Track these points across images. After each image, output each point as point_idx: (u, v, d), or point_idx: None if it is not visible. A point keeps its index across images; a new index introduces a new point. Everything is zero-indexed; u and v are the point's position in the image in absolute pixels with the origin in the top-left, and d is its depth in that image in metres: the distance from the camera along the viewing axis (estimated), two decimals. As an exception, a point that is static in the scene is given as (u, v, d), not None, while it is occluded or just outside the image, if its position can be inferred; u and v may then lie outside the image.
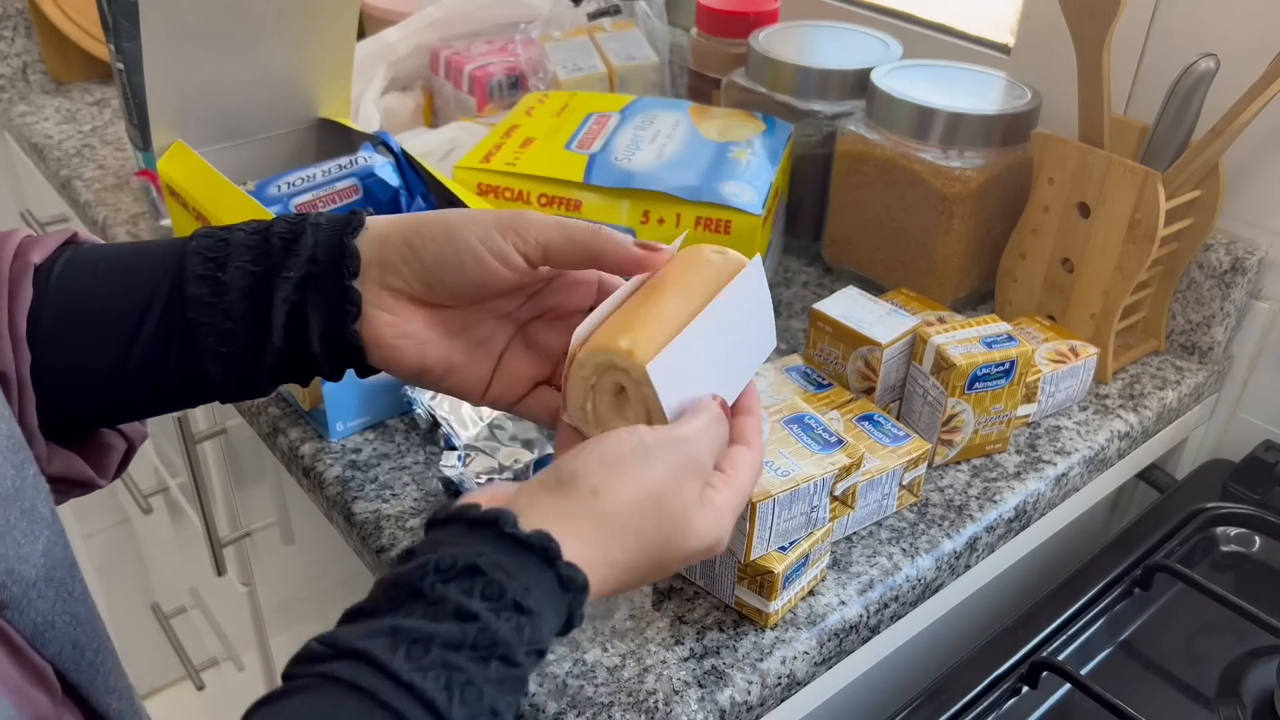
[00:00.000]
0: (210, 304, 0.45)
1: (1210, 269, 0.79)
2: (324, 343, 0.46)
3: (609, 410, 0.46)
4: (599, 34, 1.06)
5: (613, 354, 0.44)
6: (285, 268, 0.46)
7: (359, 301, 0.46)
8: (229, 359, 0.46)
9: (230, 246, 0.46)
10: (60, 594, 0.38)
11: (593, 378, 0.45)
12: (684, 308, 0.46)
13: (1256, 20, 0.73)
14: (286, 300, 0.46)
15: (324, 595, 0.92)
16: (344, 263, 0.46)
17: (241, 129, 0.83)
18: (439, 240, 0.46)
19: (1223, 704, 0.62)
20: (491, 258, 0.46)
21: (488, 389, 0.50)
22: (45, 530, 0.38)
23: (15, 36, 1.24)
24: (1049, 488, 0.69)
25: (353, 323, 0.46)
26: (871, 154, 0.81)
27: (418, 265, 0.46)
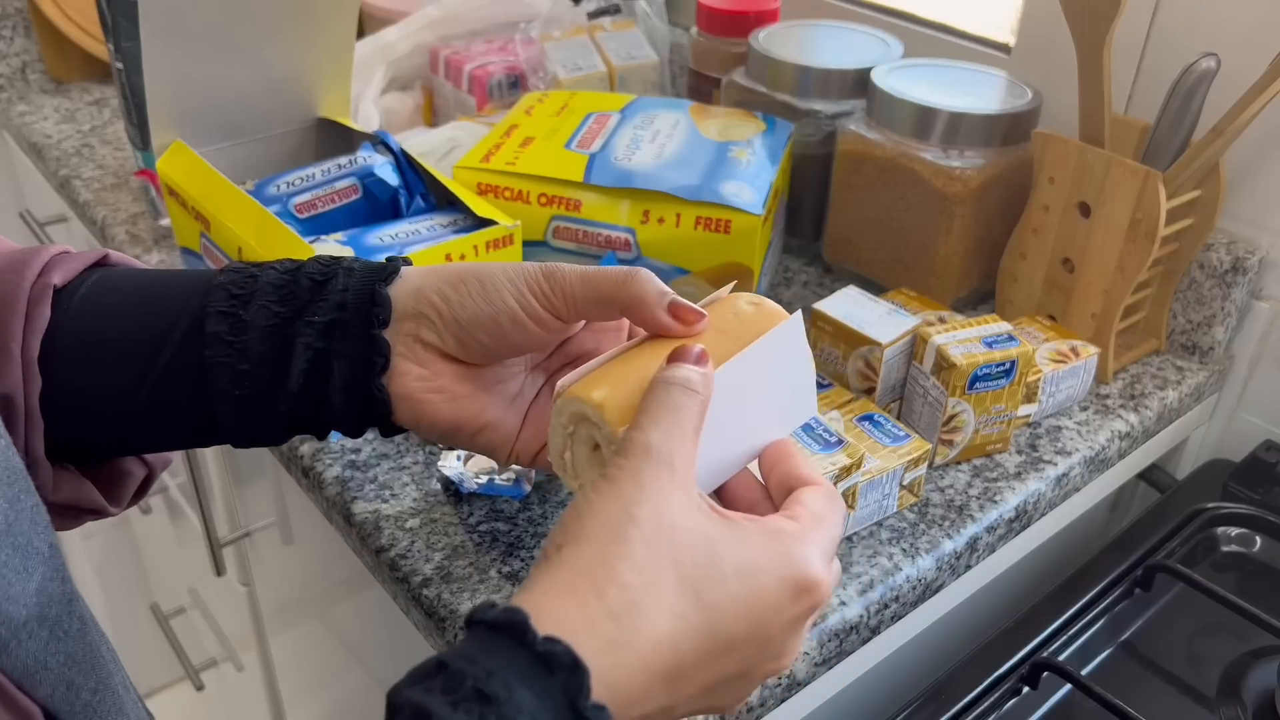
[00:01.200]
0: (228, 342, 0.43)
1: (1211, 269, 0.79)
2: (346, 394, 0.44)
3: (586, 463, 0.43)
4: (599, 33, 1.06)
5: (584, 405, 0.41)
6: (311, 311, 0.44)
7: (388, 352, 0.44)
8: (241, 402, 0.44)
9: (257, 284, 0.44)
10: (54, 633, 0.35)
11: (570, 426, 0.43)
12: None
13: (1257, 19, 0.73)
14: (309, 346, 0.43)
15: (323, 595, 0.92)
16: (374, 310, 0.44)
17: (241, 128, 0.83)
18: (475, 298, 0.44)
19: (1223, 704, 0.62)
20: (528, 319, 0.44)
21: (515, 443, 0.48)
22: (40, 566, 0.35)
23: (14, 36, 1.24)
24: (1049, 488, 0.69)
25: (379, 374, 0.44)
26: (872, 154, 0.81)
27: (453, 322, 0.44)
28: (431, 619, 0.59)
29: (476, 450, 0.48)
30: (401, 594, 0.61)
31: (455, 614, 0.58)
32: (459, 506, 0.64)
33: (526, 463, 0.48)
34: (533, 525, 0.63)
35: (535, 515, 0.64)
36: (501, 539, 0.62)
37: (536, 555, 0.59)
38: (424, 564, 0.61)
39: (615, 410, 0.40)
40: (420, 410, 0.45)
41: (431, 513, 0.64)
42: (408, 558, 0.61)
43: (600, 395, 0.40)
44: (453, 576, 0.60)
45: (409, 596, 0.60)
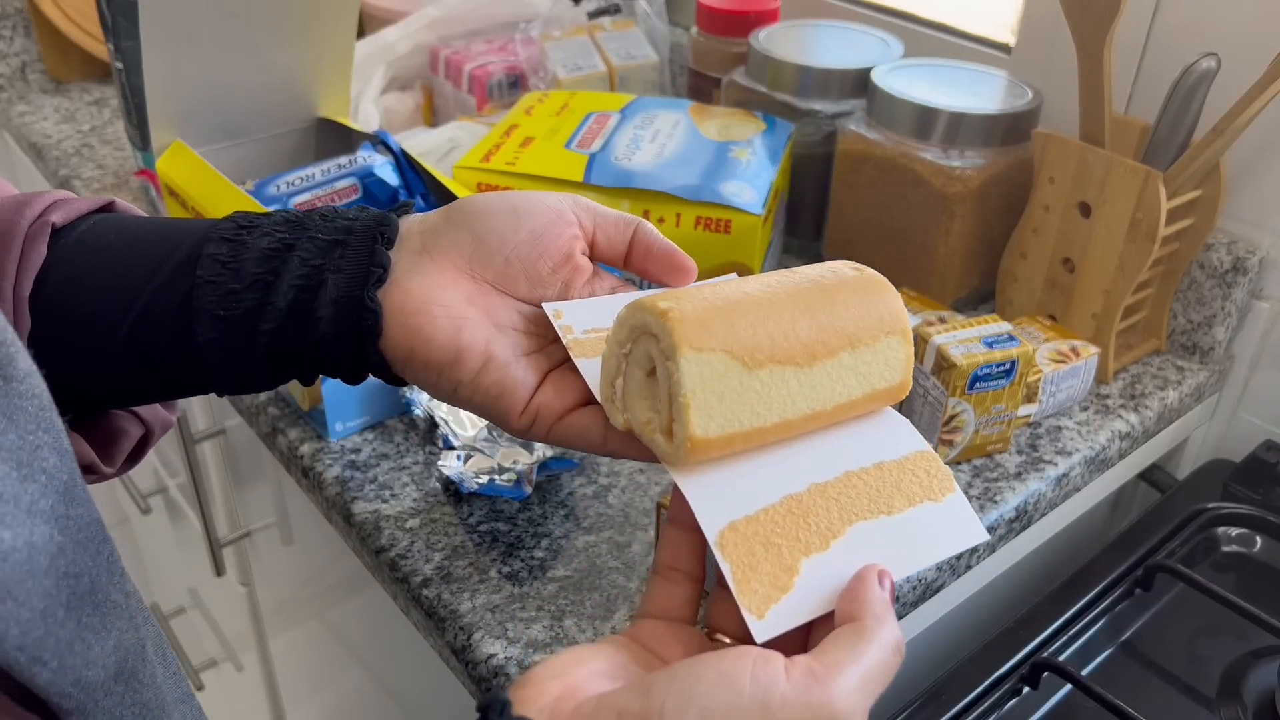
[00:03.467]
0: (223, 263, 0.40)
1: (1211, 269, 0.78)
2: (336, 307, 0.40)
3: (636, 394, 0.38)
4: (599, 33, 1.06)
5: (647, 313, 0.36)
6: (315, 231, 0.41)
7: (387, 264, 0.41)
8: (225, 325, 0.40)
9: (268, 217, 0.42)
10: (130, 686, 0.34)
11: (627, 344, 0.37)
12: (781, 303, 0.37)
13: (1257, 20, 0.73)
14: (306, 262, 0.40)
15: (323, 596, 0.92)
16: (381, 229, 0.41)
17: (241, 128, 0.83)
18: (503, 216, 0.42)
19: (1224, 705, 0.62)
20: (559, 220, 0.42)
21: (530, 401, 0.42)
22: (118, 619, 0.34)
23: (14, 36, 1.24)
24: (1050, 488, 0.69)
25: (375, 284, 0.40)
26: (872, 153, 0.81)
27: (466, 232, 0.41)
28: (431, 619, 0.59)
29: (482, 400, 0.41)
30: (401, 594, 0.61)
31: (455, 614, 0.58)
32: (459, 506, 0.64)
33: (546, 425, 0.42)
34: (533, 525, 0.63)
35: (535, 515, 0.64)
36: (501, 539, 0.62)
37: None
38: (424, 564, 0.61)
39: (681, 321, 0.35)
40: (417, 328, 0.40)
41: (431, 513, 0.64)
42: (407, 558, 0.61)
43: (666, 304, 0.36)
44: (453, 577, 0.60)
45: (409, 597, 0.60)
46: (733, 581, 0.34)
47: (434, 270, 0.41)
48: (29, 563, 0.30)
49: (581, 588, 0.59)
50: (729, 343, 0.35)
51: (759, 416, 0.36)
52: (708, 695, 0.31)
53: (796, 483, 0.37)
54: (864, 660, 0.33)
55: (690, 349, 0.34)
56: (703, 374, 0.35)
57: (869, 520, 0.37)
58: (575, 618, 0.58)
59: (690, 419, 0.35)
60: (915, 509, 0.38)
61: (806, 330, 0.37)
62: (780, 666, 0.32)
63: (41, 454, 0.32)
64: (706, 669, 0.32)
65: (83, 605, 0.32)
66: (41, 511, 0.32)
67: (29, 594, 0.30)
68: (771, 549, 0.35)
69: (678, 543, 0.39)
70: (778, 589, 0.35)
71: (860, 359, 0.38)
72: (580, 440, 0.42)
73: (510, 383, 0.41)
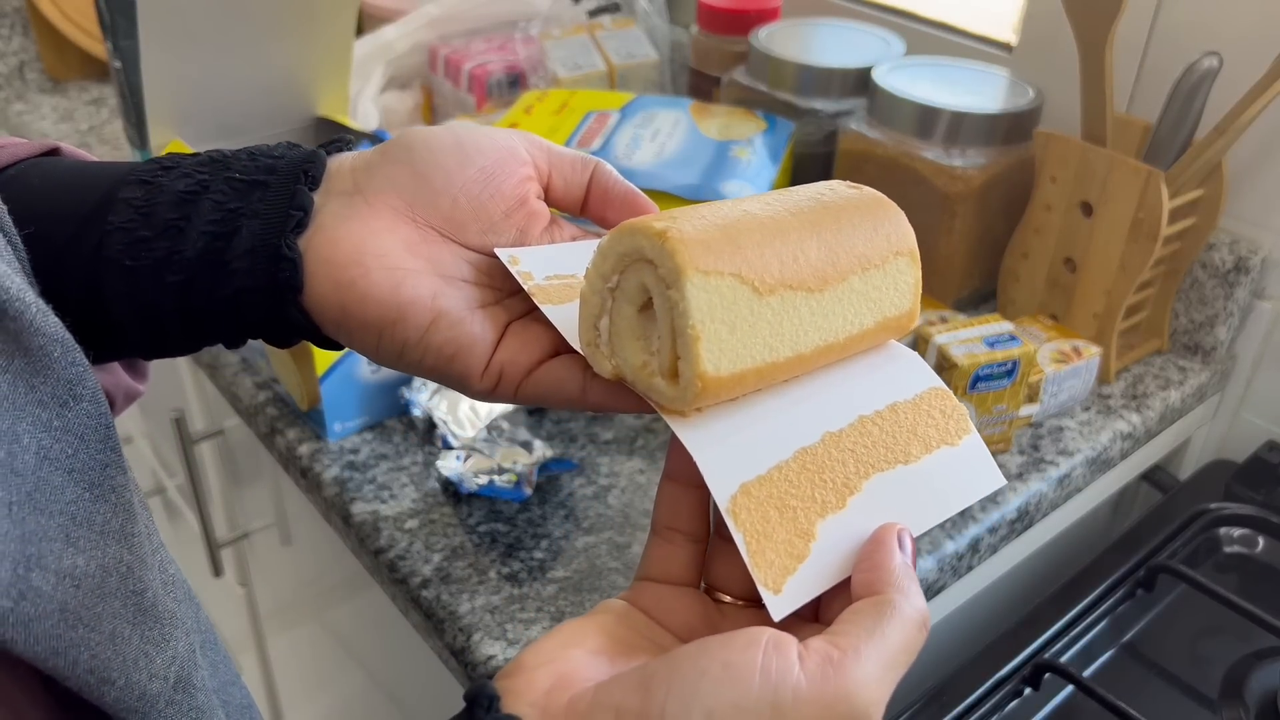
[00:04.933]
0: (136, 207, 0.36)
1: (1213, 268, 0.78)
2: (252, 258, 0.35)
3: (628, 334, 0.33)
4: (599, 32, 1.06)
5: (640, 236, 0.31)
6: (235, 170, 0.36)
7: (308, 206, 0.36)
8: (131, 275, 0.36)
9: (190, 157, 0.38)
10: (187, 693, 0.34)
11: (614, 276, 0.32)
12: (787, 223, 0.33)
13: (1259, 19, 0.73)
14: (220, 206, 0.35)
15: (322, 596, 0.92)
16: (306, 167, 0.36)
17: (239, 127, 0.83)
18: (448, 153, 0.37)
19: (1226, 706, 0.62)
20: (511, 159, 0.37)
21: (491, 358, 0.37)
22: (175, 629, 0.33)
23: (12, 35, 1.24)
24: (1051, 488, 0.69)
25: (293, 230, 0.35)
26: (873, 153, 0.81)
27: (406, 167, 0.37)
28: (430, 620, 0.59)
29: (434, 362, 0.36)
30: (400, 595, 0.61)
31: (454, 615, 0.58)
32: (458, 507, 0.64)
33: (514, 383, 0.37)
34: (532, 526, 0.63)
35: (535, 516, 0.64)
36: (501, 540, 0.62)
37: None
38: (423, 565, 0.60)
39: (682, 242, 0.30)
40: (349, 282, 0.35)
41: (430, 514, 0.64)
42: (406, 559, 0.61)
43: (663, 224, 0.31)
44: (452, 578, 0.60)
45: (408, 598, 0.60)
46: (747, 554, 0.31)
47: (368, 214, 0.36)
48: (101, 586, 0.30)
49: (581, 589, 0.59)
50: (737, 265, 0.31)
51: (771, 350, 0.32)
52: (713, 693, 0.28)
53: (809, 432, 0.34)
54: (886, 641, 0.30)
55: (696, 272, 0.30)
56: (711, 301, 0.30)
57: (886, 471, 0.34)
58: (575, 618, 0.57)
59: (700, 353, 0.30)
60: (932, 456, 0.35)
61: (815, 251, 0.33)
62: (793, 655, 0.29)
63: (109, 473, 0.32)
64: (711, 661, 0.29)
65: (146, 620, 0.32)
66: (113, 531, 0.31)
67: (98, 618, 0.30)
68: (786, 513, 0.32)
69: (677, 499, 0.36)
70: (794, 558, 0.32)
71: (870, 283, 0.34)
72: (556, 395, 0.37)
73: (465, 340, 0.36)
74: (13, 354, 0.30)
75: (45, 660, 0.28)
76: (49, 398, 0.31)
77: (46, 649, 0.28)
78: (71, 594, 0.29)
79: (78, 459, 0.31)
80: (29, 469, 0.29)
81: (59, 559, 0.29)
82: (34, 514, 0.29)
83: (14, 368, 0.30)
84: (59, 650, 0.28)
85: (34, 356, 0.30)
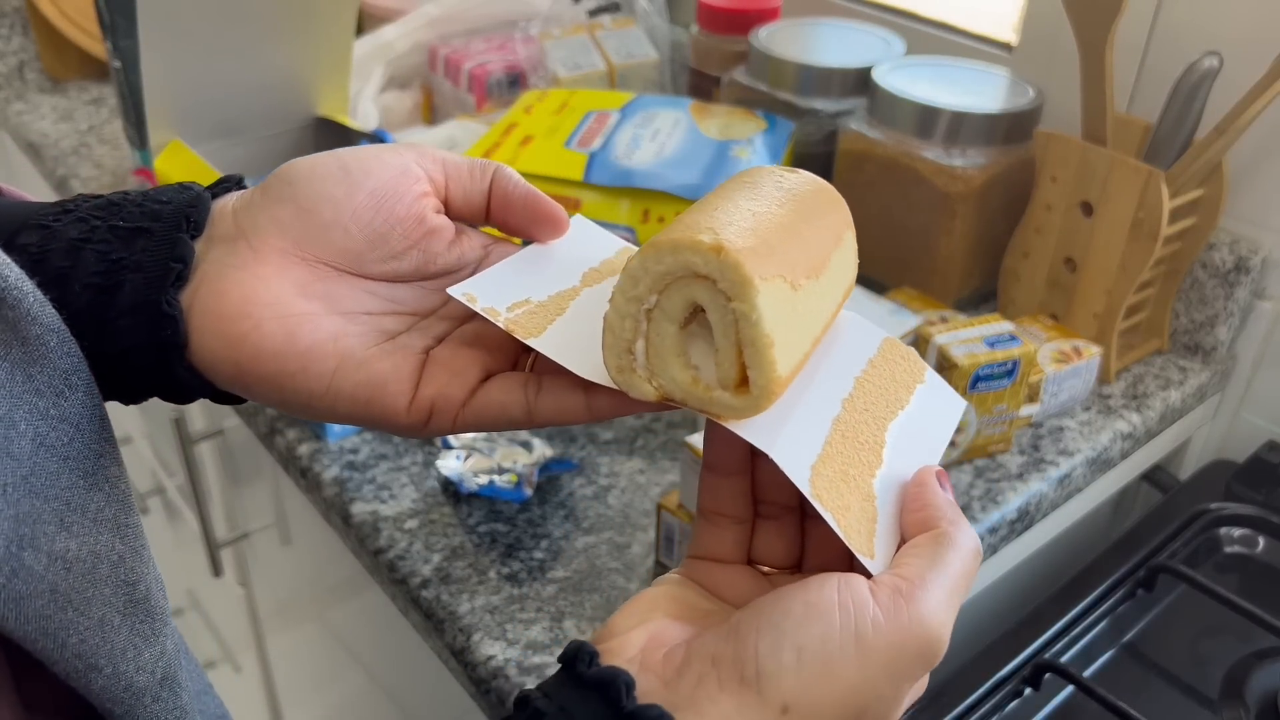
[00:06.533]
0: (31, 254, 0.34)
1: (1214, 268, 0.78)
2: (134, 317, 0.33)
3: (671, 348, 0.32)
4: (599, 31, 1.06)
5: (688, 252, 0.30)
6: (122, 216, 0.35)
7: (188, 257, 0.34)
8: None
9: (92, 199, 0.36)
10: (172, 690, 0.34)
11: (651, 296, 0.32)
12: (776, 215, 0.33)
13: (1260, 18, 0.73)
14: (104, 258, 0.34)
15: (322, 596, 0.92)
16: (187, 212, 0.35)
17: (239, 127, 0.83)
18: (330, 182, 0.35)
19: (1226, 706, 0.62)
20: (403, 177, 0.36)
21: (415, 394, 0.35)
22: (163, 626, 0.34)
23: (12, 34, 1.24)
24: (1052, 488, 0.69)
25: (173, 285, 0.33)
26: (873, 152, 0.81)
27: (288, 205, 0.35)
28: (430, 620, 0.58)
29: (347, 408, 0.34)
30: (400, 595, 0.61)
31: (454, 615, 0.57)
32: (458, 507, 0.64)
33: (449, 416, 0.35)
34: (532, 526, 0.63)
35: (535, 516, 0.64)
36: (501, 540, 0.62)
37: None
38: (423, 565, 0.60)
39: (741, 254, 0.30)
40: (239, 336, 0.33)
41: (430, 514, 0.64)
42: (406, 559, 0.61)
43: (709, 237, 0.30)
44: (452, 578, 0.60)
45: (408, 598, 0.60)
46: (840, 530, 0.32)
47: (252, 259, 0.34)
48: (92, 572, 0.31)
49: (581, 589, 0.59)
50: (780, 267, 0.31)
51: (804, 340, 0.34)
52: (800, 630, 0.30)
53: (832, 404, 0.36)
54: (948, 569, 0.32)
55: (760, 280, 0.30)
56: (772, 306, 0.30)
57: (895, 419, 0.37)
58: (575, 619, 0.57)
59: (775, 359, 0.30)
60: (915, 395, 0.38)
61: (812, 240, 0.35)
62: (865, 589, 0.31)
63: (105, 463, 0.32)
64: (793, 602, 0.31)
65: (137, 612, 0.32)
66: (106, 520, 0.32)
67: (88, 602, 0.30)
68: (850, 481, 0.34)
69: (718, 488, 0.37)
70: (869, 520, 0.34)
71: (840, 260, 0.37)
72: (501, 420, 0.35)
73: (378, 380, 0.34)
74: (10, 342, 0.30)
75: (34, 641, 0.29)
76: (45, 386, 0.30)
77: (36, 629, 0.29)
78: (62, 576, 0.29)
79: (73, 447, 0.31)
80: (25, 454, 0.29)
81: (51, 541, 0.29)
82: (29, 496, 0.29)
83: (11, 356, 0.30)
84: (48, 631, 0.29)
85: (31, 345, 0.30)
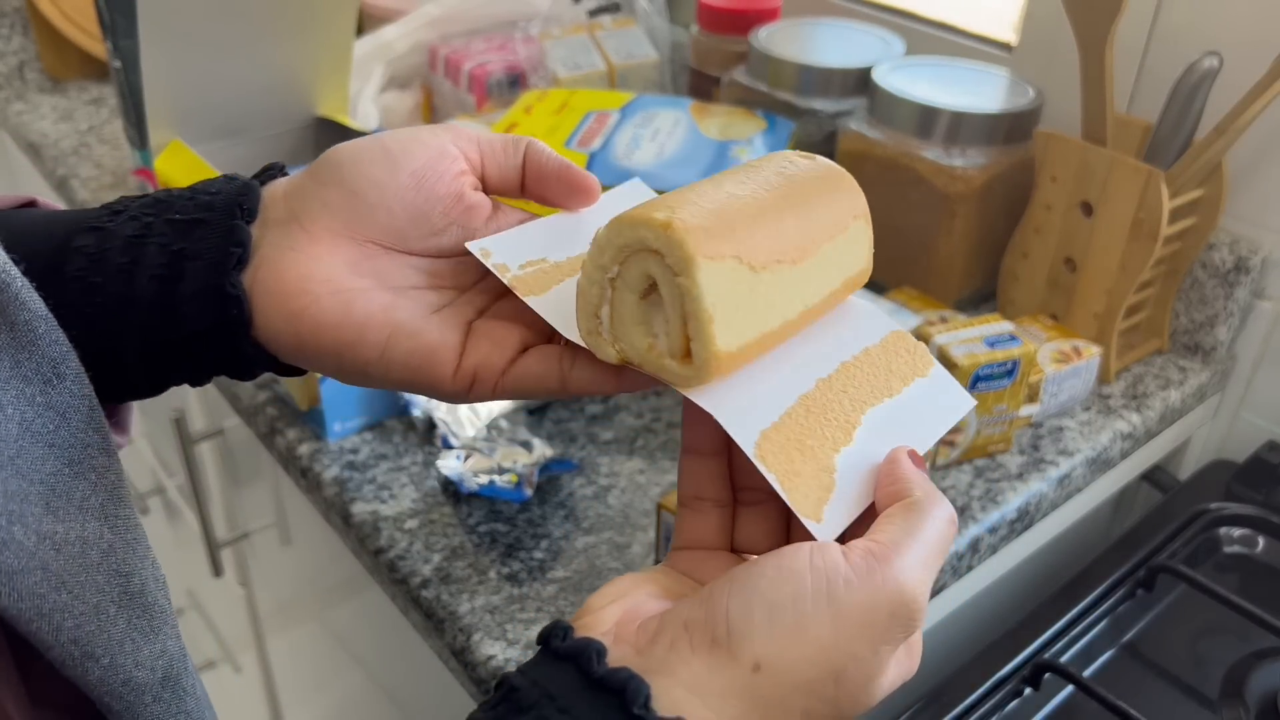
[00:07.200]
0: (89, 254, 0.36)
1: (1213, 268, 0.78)
2: (200, 301, 0.36)
3: (630, 320, 0.34)
4: (599, 31, 1.06)
5: (642, 227, 0.33)
6: (176, 210, 0.37)
7: (246, 241, 0.36)
8: (90, 322, 0.36)
9: (138, 199, 0.38)
10: (176, 693, 0.34)
11: (613, 266, 0.34)
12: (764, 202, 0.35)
13: (1259, 19, 0.73)
14: (165, 249, 0.36)
15: (322, 596, 0.92)
16: (240, 200, 0.37)
17: (239, 127, 0.83)
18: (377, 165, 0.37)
19: (1226, 706, 0.62)
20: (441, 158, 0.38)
21: (460, 362, 0.37)
22: (163, 626, 0.34)
23: (12, 34, 1.24)
24: (1052, 488, 0.69)
25: (235, 268, 0.36)
26: (873, 153, 0.81)
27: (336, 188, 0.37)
28: (430, 620, 0.58)
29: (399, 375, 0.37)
30: (400, 595, 0.61)
31: (454, 615, 0.58)
32: (458, 507, 0.64)
33: (490, 384, 0.37)
34: (532, 526, 0.63)
35: (535, 516, 0.64)
36: (501, 540, 0.62)
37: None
38: (423, 565, 0.60)
39: (688, 231, 0.32)
40: (299, 311, 0.36)
41: (430, 514, 0.64)
42: (406, 559, 0.61)
43: (663, 214, 0.32)
44: (452, 578, 0.60)
45: (408, 598, 0.60)
46: (782, 490, 0.33)
47: (306, 241, 0.36)
48: (82, 556, 0.31)
49: (581, 589, 0.59)
50: (735, 247, 0.33)
51: (766, 321, 0.35)
52: (771, 590, 0.30)
53: (804, 382, 0.37)
54: (922, 534, 0.32)
55: (704, 258, 0.32)
56: (718, 284, 0.32)
57: (877, 405, 0.38)
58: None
59: (714, 334, 0.32)
60: (910, 387, 0.39)
61: (793, 226, 0.36)
62: (838, 553, 0.31)
63: (91, 453, 0.33)
64: (765, 565, 0.31)
65: (133, 605, 0.33)
66: (92, 508, 0.32)
67: (83, 587, 0.30)
68: (806, 452, 0.35)
69: (698, 470, 0.38)
70: (823, 489, 0.34)
71: (837, 248, 0.38)
72: (538, 389, 0.37)
73: (428, 349, 0.36)
74: None
75: (29, 622, 0.29)
76: (33, 373, 0.31)
77: (30, 608, 0.29)
78: (53, 556, 0.30)
79: (59, 435, 0.31)
80: (11, 437, 0.30)
81: (39, 521, 0.30)
82: (16, 477, 0.29)
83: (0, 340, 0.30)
84: (43, 612, 0.29)
85: (19, 331, 0.31)
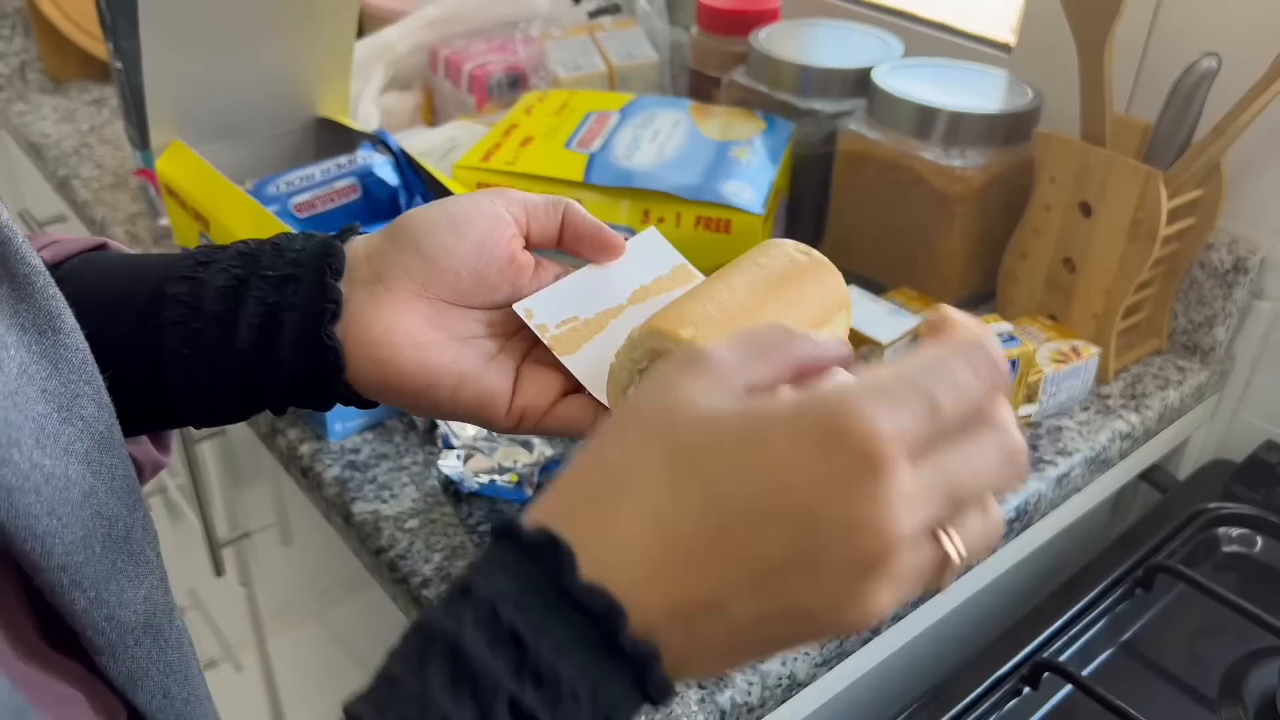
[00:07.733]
0: (184, 302, 0.42)
1: (1212, 268, 0.78)
2: (298, 348, 0.42)
3: None
4: (599, 32, 1.06)
5: (667, 340, 0.39)
6: (266, 267, 0.43)
7: (339, 299, 0.42)
8: (189, 363, 0.42)
9: (224, 251, 0.44)
10: (157, 641, 0.36)
11: (643, 362, 0.42)
12: (767, 305, 0.41)
13: (1258, 19, 0.73)
14: (261, 301, 0.42)
15: (323, 596, 0.92)
16: (327, 260, 0.42)
17: (240, 128, 0.83)
18: (444, 232, 0.43)
19: (1225, 705, 0.62)
20: (498, 224, 0.44)
21: (512, 402, 0.44)
22: (149, 574, 0.36)
23: (13, 35, 1.24)
24: (1050, 488, 0.69)
25: (330, 321, 0.42)
26: (872, 153, 0.81)
27: (413, 254, 0.43)
28: (431, 620, 0.59)
29: (465, 413, 0.44)
30: (401, 595, 0.61)
31: (455, 615, 0.58)
32: (459, 507, 0.64)
33: (534, 422, 0.45)
34: (532, 526, 0.63)
35: (535, 515, 0.64)
36: (501, 539, 0.62)
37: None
38: (423, 565, 0.60)
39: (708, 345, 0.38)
40: (384, 360, 0.42)
41: (431, 513, 0.64)
42: (407, 558, 0.61)
43: (689, 333, 0.39)
44: (452, 577, 0.60)
45: (408, 597, 0.60)
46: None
47: (389, 299, 0.42)
48: (66, 491, 0.32)
49: (581, 588, 0.59)
50: None
51: None
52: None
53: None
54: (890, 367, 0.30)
55: None
56: None
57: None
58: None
59: None
60: None
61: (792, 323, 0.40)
62: None
63: (81, 402, 0.35)
64: None
65: (118, 548, 0.35)
66: (77, 453, 0.34)
67: (70, 519, 0.32)
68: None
69: None
70: None
71: None
72: (571, 431, 0.45)
73: (489, 393, 0.44)
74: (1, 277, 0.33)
75: (24, 542, 0.30)
76: (30, 323, 0.34)
77: (24, 528, 0.30)
78: (44, 484, 0.31)
79: (50, 383, 0.34)
80: (11, 375, 0.32)
81: (30, 454, 0.31)
82: (13, 409, 0.31)
83: (1, 291, 0.33)
84: (35, 534, 0.31)
85: (19, 283, 0.34)
